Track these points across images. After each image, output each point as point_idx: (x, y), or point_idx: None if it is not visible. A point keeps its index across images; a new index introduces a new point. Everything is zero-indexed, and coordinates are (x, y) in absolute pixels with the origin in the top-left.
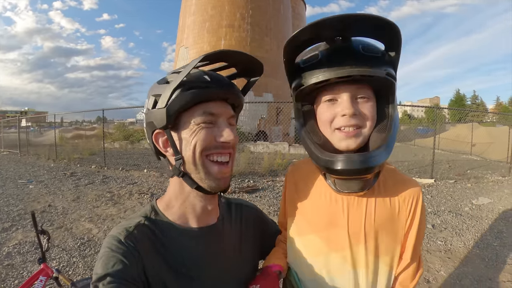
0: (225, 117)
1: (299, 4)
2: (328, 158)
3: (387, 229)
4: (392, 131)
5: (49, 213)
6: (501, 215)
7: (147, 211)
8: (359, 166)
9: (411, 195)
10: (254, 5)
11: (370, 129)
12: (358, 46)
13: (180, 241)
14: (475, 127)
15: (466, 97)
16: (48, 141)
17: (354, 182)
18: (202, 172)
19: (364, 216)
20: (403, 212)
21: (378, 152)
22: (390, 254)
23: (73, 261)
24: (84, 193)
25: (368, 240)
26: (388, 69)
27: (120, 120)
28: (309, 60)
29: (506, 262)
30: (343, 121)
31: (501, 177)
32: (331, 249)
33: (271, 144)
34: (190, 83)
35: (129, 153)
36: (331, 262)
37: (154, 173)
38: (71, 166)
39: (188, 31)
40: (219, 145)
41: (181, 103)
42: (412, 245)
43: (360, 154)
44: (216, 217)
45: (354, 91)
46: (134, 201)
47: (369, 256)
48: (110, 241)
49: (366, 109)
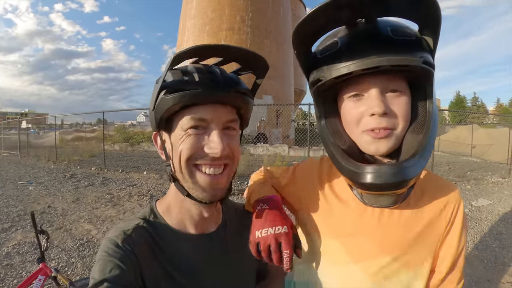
0: (219, 123)
1: (299, 6)
2: (354, 169)
3: (424, 239)
4: (430, 131)
5: (48, 214)
6: (501, 217)
7: (146, 214)
8: (391, 180)
9: (452, 201)
10: (254, 8)
11: (403, 129)
12: (386, 28)
13: (178, 246)
14: (475, 129)
15: (466, 99)
16: (48, 143)
17: (385, 197)
18: (189, 182)
19: (398, 226)
20: (442, 220)
21: (414, 162)
22: (423, 266)
23: (72, 262)
24: (83, 194)
25: (401, 251)
26: (425, 55)
27: (120, 123)
28: (327, 49)
29: (505, 264)
30: (371, 121)
31: (501, 178)
32: (353, 259)
33: (271, 147)
34: (174, 85)
35: (129, 155)
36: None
37: (153, 175)
38: (71, 168)
39: (188, 34)
40: (208, 156)
41: (164, 108)
42: (451, 256)
43: (392, 166)
44: (216, 224)
45: (384, 84)
46: (133, 203)
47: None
48: (107, 244)
49: (398, 106)
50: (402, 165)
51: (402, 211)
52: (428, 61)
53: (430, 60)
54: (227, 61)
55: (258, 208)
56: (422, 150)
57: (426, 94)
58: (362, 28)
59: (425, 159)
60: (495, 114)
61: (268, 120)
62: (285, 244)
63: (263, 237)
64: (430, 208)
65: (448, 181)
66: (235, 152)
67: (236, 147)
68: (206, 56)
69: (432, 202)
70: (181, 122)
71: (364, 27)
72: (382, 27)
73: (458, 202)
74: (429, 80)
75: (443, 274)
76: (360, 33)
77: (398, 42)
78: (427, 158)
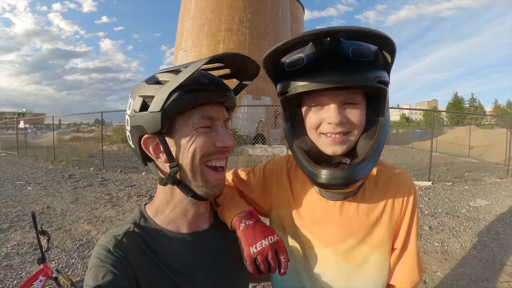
0: (222, 121)
1: (297, 8)
2: (312, 170)
3: (383, 222)
4: (380, 139)
5: (47, 214)
6: (499, 217)
7: (136, 217)
8: (341, 181)
9: (403, 186)
10: (252, 9)
11: (357, 135)
12: (348, 49)
13: (170, 247)
14: (473, 130)
15: (464, 99)
16: (46, 143)
17: (337, 193)
18: (199, 180)
19: (358, 213)
20: (396, 204)
21: (362, 166)
22: (385, 246)
23: (72, 262)
24: (82, 195)
25: (363, 234)
26: (380, 74)
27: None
28: (293, 64)
29: (503, 263)
30: (329, 128)
31: (499, 179)
32: (324, 244)
33: (269, 147)
34: (188, 85)
35: (127, 156)
36: (323, 257)
37: (152, 176)
38: (69, 168)
39: (187, 34)
40: (218, 150)
41: (180, 107)
42: (405, 232)
43: (343, 171)
44: (209, 222)
45: (342, 97)
46: (132, 204)
47: (364, 249)
48: (99, 251)
49: (353, 116)
50: (351, 170)
51: (360, 201)
52: (382, 80)
53: (384, 79)
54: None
55: (243, 225)
56: (371, 154)
57: (379, 106)
58: (326, 48)
59: (373, 162)
60: (492, 115)
61: (267, 121)
62: (281, 251)
63: (259, 251)
64: (384, 195)
65: (399, 169)
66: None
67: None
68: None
69: (386, 190)
70: (190, 121)
71: (328, 47)
72: (345, 47)
73: (409, 186)
74: (382, 95)
75: (398, 250)
76: (324, 52)
77: (356, 63)
78: (375, 161)
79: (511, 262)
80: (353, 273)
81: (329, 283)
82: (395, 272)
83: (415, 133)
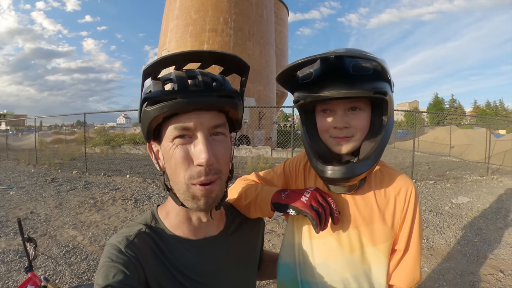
0: (203, 129)
1: (282, 9)
2: (319, 167)
3: (384, 219)
4: (381, 141)
5: (31, 220)
6: (481, 213)
7: (148, 219)
8: (341, 176)
9: (405, 187)
10: (237, 10)
11: (361, 137)
12: (350, 65)
13: (180, 250)
14: (454, 130)
15: (444, 100)
16: (28, 146)
17: (340, 187)
18: (185, 194)
19: (361, 205)
20: (398, 203)
21: (361, 164)
22: (385, 244)
23: (59, 270)
24: (66, 199)
25: (364, 226)
26: (377, 85)
27: (101, 124)
28: (304, 78)
29: (486, 257)
30: (335, 132)
31: (480, 177)
32: (329, 232)
33: (254, 148)
34: (154, 96)
35: (110, 158)
36: (328, 245)
37: (136, 179)
38: (51, 172)
39: (171, 34)
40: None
41: (147, 120)
42: (407, 233)
43: (343, 167)
44: (218, 228)
45: (346, 104)
46: (118, 207)
47: (364, 242)
48: (110, 250)
49: (357, 121)
50: (351, 166)
51: (365, 195)
52: (379, 90)
53: (382, 89)
54: (206, 65)
55: (284, 195)
56: (372, 155)
57: (382, 112)
58: (331, 64)
59: (372, 161)
60: (472, 115)
61: (251, 122)
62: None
63: (310, 197)
64: (387, 194)
65: (401, 172)
66: (222, 163)
67: (224, 155)
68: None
69: (389, 189)
70: (167, 132)
71: (333, 64)
72: (347, 64)
73: (411, 189)
74: (383, 102)
75: (401, 253)
76: (329, 68)
77: (355, 77)
78: (374, 160)
79: (494, 256)
80: (355, 265)
81: (331, 274)
82: (396, 272)
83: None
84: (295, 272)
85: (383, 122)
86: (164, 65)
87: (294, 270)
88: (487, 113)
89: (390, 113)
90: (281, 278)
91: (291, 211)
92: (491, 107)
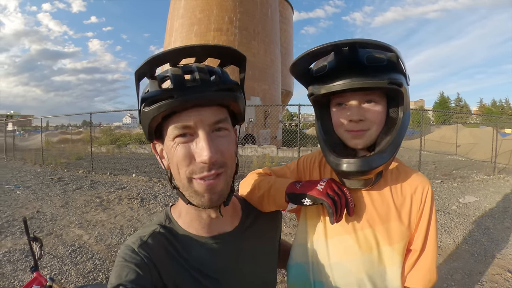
0: (205, 126)
1: (286, 8)
2: (334, 160)
3: (400, 217)
4: (397, 135)
5: (37, 219)
6: (488, 212)
7: (162, 219)
8: (358, 169)
9: (421, 186)
10: (242, 9)
11: (377, 130)
12: (364, 56)
13: (194, 249)
14: (460, 129)
15: (450, 99)
16: (34, 146)
17: (356, 181)
18: (188, 191)
19: (377, 202)
20: (414, 202)
21: (377, 157)
22: (400, 243)
23: (65, 269)
24: (72, 198)
25: (380, 225)
26: (392, 76)
27: (107, 124)
28: (319, 71)
29: (494, 257)
30: (350, 125)
31: (486, 176)
32: (346, 230)
33: (259, 148)
34: (151, 96)
35: (116, 158)
36: (344, 244)
37: (142, 178)
38: (58, 171)
39: (176, 34)
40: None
41: (147, 121)
42: (424, 233)
43: (359, 159)
44: (232, 224)
45: (361, 97)
46: (124, 206)
47: (380, 241)
48: (124, 250)
49: (372, 114)
50: (367, 159)
51: (381, 192)
52: (394, 81)
53: (397, 80)
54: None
55: (298, 185)
56: (388, 148)
57: (398, 104)
58: (345, 56)
59: (389, 154)
60: (478, 114)
61: (256, 121)
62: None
63: (326, 186)
64: (404, 192)
65: (417, 171)
66: (227, 156)
67: (228, 149)
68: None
69: (405, 188)
70: (168, 132)
71: (347, 55)
72: (361, 56)
73: (427, 189)
74: (399, 95)
75: (417, 253)
76: (343, 60)
77: (370, 68)
78: (391, 154)
79: (502, 255)
80: (371, 265)
81: (346, 274)
82: (412, 273)
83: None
84: (308, 273)
85: (398, 115)
86: (155, 64)
87: (307, 271)
88: (493, 112)
89: (406, 106)
90: (292, 280)
91: (306, 201)
92: (497, 105)
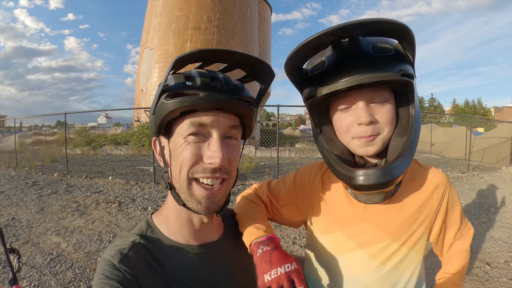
0: (219, 129)
1: (265, 8)
2: (346, 173)
3: (417, 218)
4: (413, 133)
5: (13, 226)
6: (464, 209)
7: (143, 228)
8: (379, 181)
9: (442, 183)
10: (221, 8)
11: (389, 133)
12: (368, 46)
13: (178, 259)
14: (434, 128)
15: (424, 99)
16: (7, 147)
17: (375, 195)
18: (186, 193)
19: (394, 211)
20: (434, 199)
21: (398, 163)
22: (419, 242)
23: (45, 280)
24: (48, 203)
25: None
26: (403, 67)
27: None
28: (316, 69)
29: (473, 251)
30: (359, 130)
31: (461, 173)
32: (359, 246)
33: None
34: (175, 88)
35: (91, 160)
36: (357, 259)
37: (119, 181)
38: (32, 175)
39: (153, 32)
40: (207, 168)
41: (164, 113)
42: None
43: (379, 169)
44: (217, 233)
45: (368, 96)
46: (101, 211)
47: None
48: (103, 266)
49: (382, 114)
50: (388, 167)
51: (396, 200)
52: (406, 73)
53: (409, 72)
54: (231, 67)
55: (260, 251)
56: (406, 151)
57: (408, 100)
58: (346, 48)
59: (409, 158)
60: (451, 114)
61: None
62: (298, 281)
63: (274, 279)
64: (421, 193)
65: (433, 167)
66: (233, 165)
67: (235, 159)
68: (209, 61)
69: (422, 185)
70: (180, 128)
71: (348, 47)
72: (364, 46)
73: (444, 184)
74: (409, 88)
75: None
76: (345, 52)
77: (378, 59)
78: (411, 157)
79: (480, 250)
80: (388, 275)
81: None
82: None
83: None
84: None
85: (410, 112)
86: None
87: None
88: (466, 112)
89: (417, 101)
90: None
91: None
92: (469, 106)
